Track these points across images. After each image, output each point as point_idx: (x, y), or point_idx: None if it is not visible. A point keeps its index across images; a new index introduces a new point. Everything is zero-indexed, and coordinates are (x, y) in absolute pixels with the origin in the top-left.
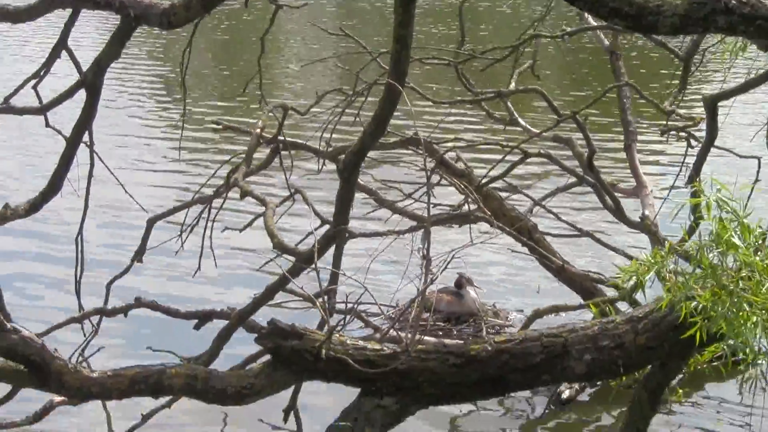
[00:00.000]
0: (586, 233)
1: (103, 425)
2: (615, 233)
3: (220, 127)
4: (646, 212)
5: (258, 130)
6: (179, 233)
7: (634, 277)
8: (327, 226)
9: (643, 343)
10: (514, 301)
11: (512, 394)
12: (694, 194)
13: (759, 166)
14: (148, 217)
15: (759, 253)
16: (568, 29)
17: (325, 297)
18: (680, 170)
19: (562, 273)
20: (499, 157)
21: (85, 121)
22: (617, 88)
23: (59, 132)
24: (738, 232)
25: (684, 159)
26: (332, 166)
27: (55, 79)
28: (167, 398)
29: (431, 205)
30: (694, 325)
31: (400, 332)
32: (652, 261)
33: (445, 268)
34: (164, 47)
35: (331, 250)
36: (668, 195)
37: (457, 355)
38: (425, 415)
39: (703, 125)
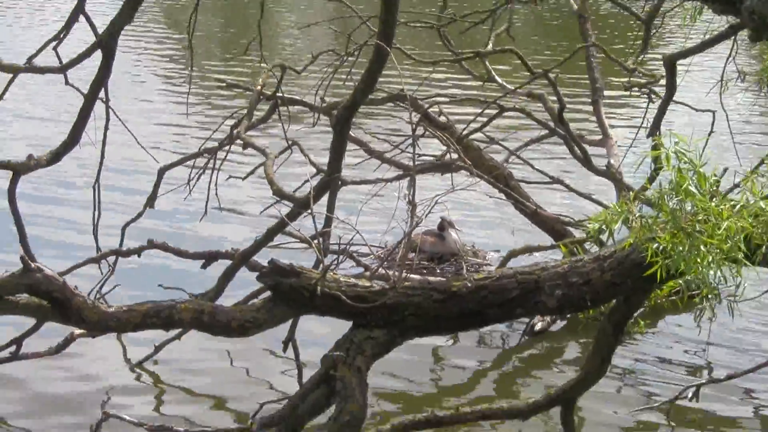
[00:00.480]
0: (557, 180)
1: (119, 356)
2: (583, 181)
3: (224, 84)
4: (612, 161)
5: (258, 88)
6: (188, 181)
7: (603, 227)
8: (322, 175)
9: (608, 280)
10: (492, 242)
11: (490, 327)
12: (655, 146)
13: (713, 119)
14: (159, 167)
15: (714, 199)
16: None
17: (320, 239)
18: (642, 123)
19: (536, 217)
20: (478, 111)
21: (101, 79)
22: (585, 48)
23: (78, 89)
24: (695, 181)
25: (645, 113)
26: (326, 120)
27: (70, 42)
28: (177, 331)
29: (416, 156)
30: (656, 264)
31: (388, 271)
32: (619, 210)
33: (429, 212)
34: (175, 12)
35: (326, 196)
36: (631, 145)
37: (439, 291)
38: (410, 347)
39: (663, 82)
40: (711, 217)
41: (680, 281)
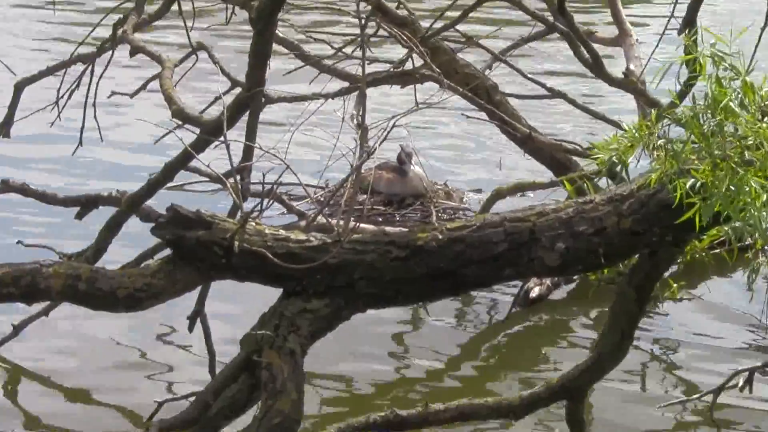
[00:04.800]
0: (557, 93)
1: None
2: (592, 93)
3: None
4: (631, 67)
5: None
6: (56, 100)
7: (614, 157)
8: (238, 90)
9: (628, 227)
10: (471, 179)
11: (469, 294)
12: (687, 49)
13: None
14: (16, 81)
15: (766, 118)
16: None
17: (238, 176)
18: (671, 15)
19: (529, 143)
20: (449, 1)
21: None
22: None
23: None
24: (739, 95)
25: (675, 2)
26: (244, 15)
27: None
28: (43, 305)
29: (366, 62)
30: (691, 205)
31: (330, 219)
32: (639, 134)
33: (385, 139)
34: None
35: (244, 118)
36: (657, 45)
37: (400, 245)
38: (363, 321)
39: None
40: (764, 143)
41: (726, 228)
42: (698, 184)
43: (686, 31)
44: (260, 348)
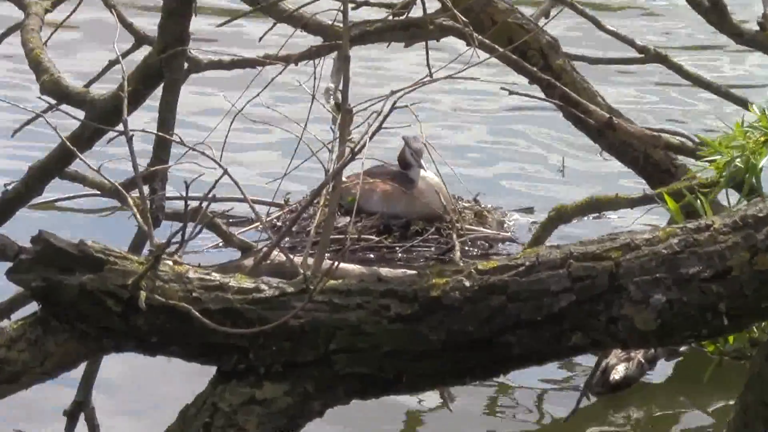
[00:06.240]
0: (655, 56)
1: None
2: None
3: None
4: None
5: None
6: None
7: (737, 160)
8: (148, 50)
9: (766, 269)
10: (515, 192)
11: (514, 374)
12: None
13: None
14: None
15: None
16: None
17: (145, 188)
18: None
19: (609, 133)
20: None
21: None
22: None
23: None
24: None
25: None
26: None
27: None
28: None
29: (351, 5)
30: None
31: (292, 255)
32: None
33: (380, 128)
34: None
35: (157, 93)
36: None
37: (403, 297)
38: (357, 413)
39: None
40: None
41: None
42: None
43: None
44: None
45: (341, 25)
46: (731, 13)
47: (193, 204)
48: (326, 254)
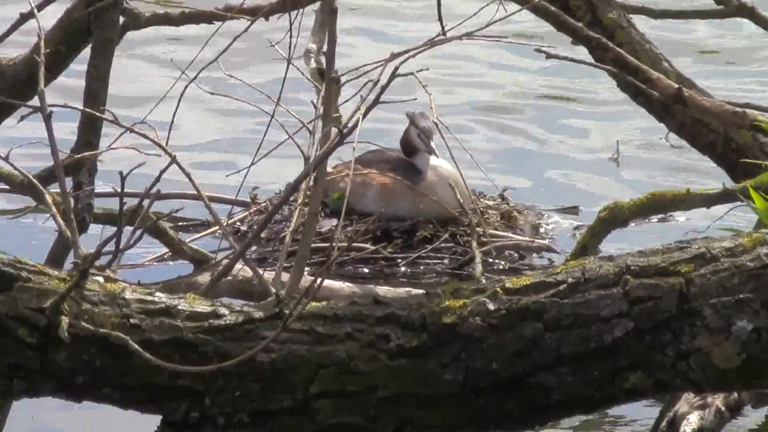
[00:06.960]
0: (739, 7)
1: None
2: None
3: None
4: None
5: None
6: None
7: None
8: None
9: None
10: (553, 186)
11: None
12: None
13: None
14: None
15: None
16: None
17: (67, 180)
18: None
19: (678, 108)
20: None
21: None
22: None
23: None
24: None
25: None
26: None
27: None
28: None
29: None
30: None
31: (261, 268)
32: None
33: (376, 102)
34: None
35: (84, 55)
36: None
37: (407, 324)
38: None
39: None
40: None
41: None
42: None
43: None
44: None
45: None
46: None
47: (132, 202)
48: (306, 268)
